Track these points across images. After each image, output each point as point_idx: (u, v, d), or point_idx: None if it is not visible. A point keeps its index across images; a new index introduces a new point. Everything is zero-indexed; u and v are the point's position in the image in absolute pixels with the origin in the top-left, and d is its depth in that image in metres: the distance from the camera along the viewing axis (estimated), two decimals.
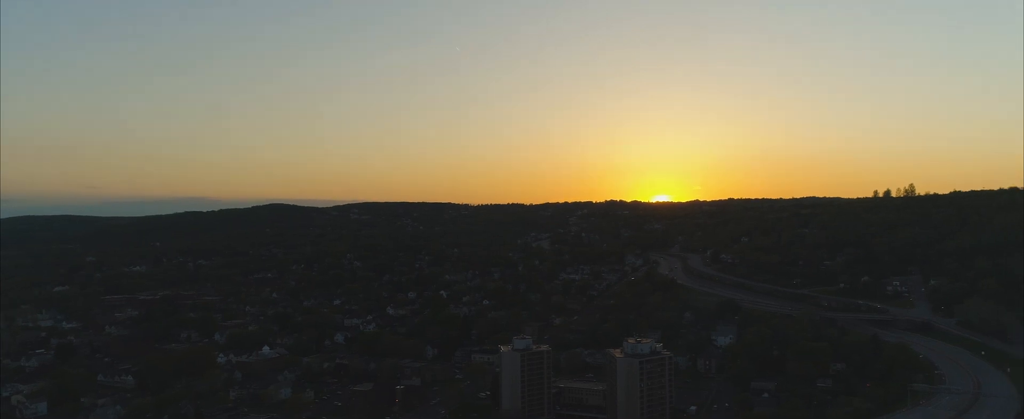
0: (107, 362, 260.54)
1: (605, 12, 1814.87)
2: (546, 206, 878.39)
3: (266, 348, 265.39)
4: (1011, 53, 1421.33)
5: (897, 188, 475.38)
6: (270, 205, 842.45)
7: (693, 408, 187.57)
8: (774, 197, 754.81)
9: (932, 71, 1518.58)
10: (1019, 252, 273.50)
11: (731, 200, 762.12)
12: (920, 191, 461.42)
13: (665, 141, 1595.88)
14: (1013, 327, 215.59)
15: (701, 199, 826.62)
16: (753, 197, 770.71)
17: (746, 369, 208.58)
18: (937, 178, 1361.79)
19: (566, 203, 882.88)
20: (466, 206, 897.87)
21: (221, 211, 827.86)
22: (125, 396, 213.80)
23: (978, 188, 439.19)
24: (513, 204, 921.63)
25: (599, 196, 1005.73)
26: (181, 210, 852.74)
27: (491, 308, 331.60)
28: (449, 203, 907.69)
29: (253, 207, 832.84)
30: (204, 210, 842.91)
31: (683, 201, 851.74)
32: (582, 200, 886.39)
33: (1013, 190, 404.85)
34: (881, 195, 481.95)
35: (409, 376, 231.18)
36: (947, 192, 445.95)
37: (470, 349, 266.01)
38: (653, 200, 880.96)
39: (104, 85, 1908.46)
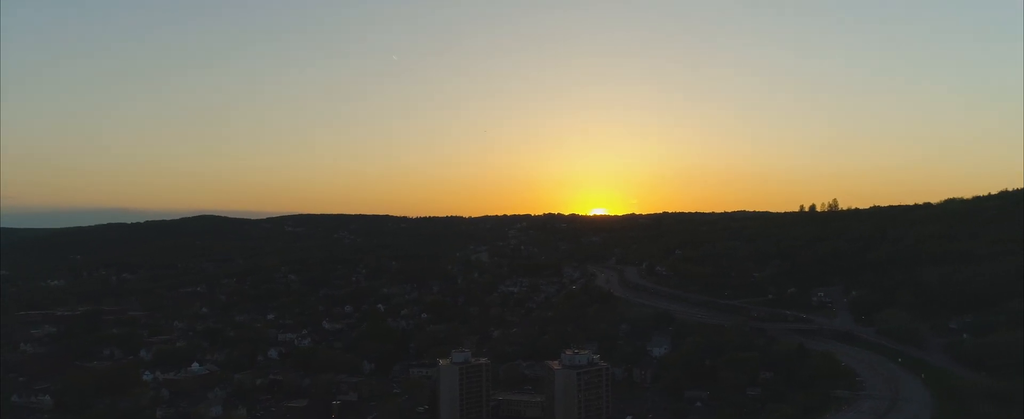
0: (22, 382, 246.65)
1: (543, 29, 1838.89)
2: (485, 219, 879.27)
3: (195, 365, 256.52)
4: (927, 77, 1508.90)
5: (821, 203, 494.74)
6: (199, 216, 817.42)
7: (629, 418, 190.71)
8: (706, 211, 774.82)
9: (852, 92, 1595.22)
10: (933, 264, 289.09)
11: (666, 213, 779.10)
12: (843, 206, 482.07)
13: (603, 156, 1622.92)
14: (927, 335, 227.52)
15: (637, 212, 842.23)
16: (686, 211, 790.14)
17: (680, 379, 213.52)
18: (858, 193, 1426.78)
19: (505, 216, 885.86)
20: (405, 218, 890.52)
21: (146, 222, 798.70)
22: (42, 417, 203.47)
23: (896, 203, 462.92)
24: (452, 216, 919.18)
25: (538, 209, 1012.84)
26: (103, 221, 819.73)
27: (429, 321, 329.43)
28: (387, 215, 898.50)
29: (181, 218, 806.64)
30: (128, 221, 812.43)
31: (619, 214, 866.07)
32: (521, 213, 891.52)
33: (927, 205, 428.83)
34: (807, 209, 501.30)
35: (345, 391, 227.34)
36: (867, 207, 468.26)
37: (408, 363, 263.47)
38: (591, 213, 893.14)
39: (16, 88, 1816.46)
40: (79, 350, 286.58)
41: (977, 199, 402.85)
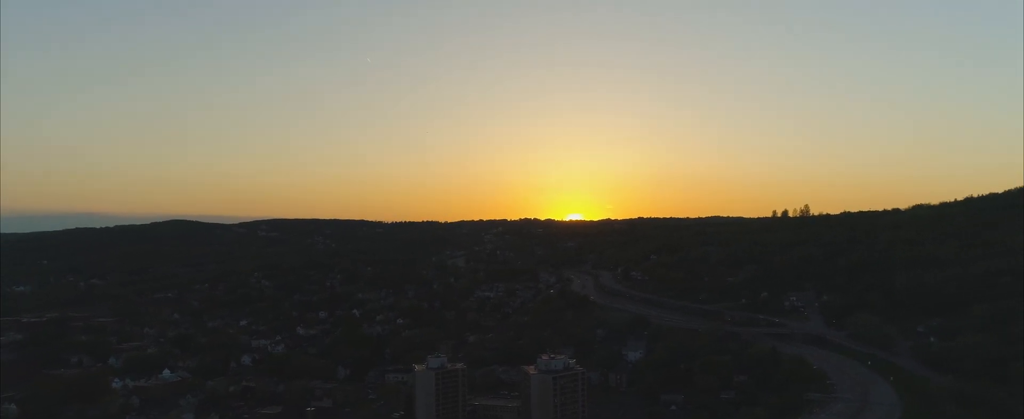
0: None
1: (518, 34, 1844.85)
2: (461, 224, 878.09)
3: (166, 371, 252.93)
4: (895, 85, 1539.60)
5: (793, 208, 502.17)
6: (170, 221, 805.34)
7: None
8: (681, 216, 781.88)
9: (824, 99, 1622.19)
10: (902, 269, 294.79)
11: (640, 219, 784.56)
12: (814, 211, 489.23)
13: (578, 161, 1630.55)
14: (896, 338, 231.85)
15: (612, 218, 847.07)
16: (661, 216, 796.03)
17: (655, 383, 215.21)
18: (830, 199, 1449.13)
19: (481, 221, 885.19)
20: (380, 223, 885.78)
21: (116, 227, 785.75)
22: None
23: (866, 209, 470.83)
24: (428, 221, 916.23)
25: (514, 214, 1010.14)
26: (71, 226, 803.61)
27: (405, 327, 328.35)
28: (362, 220, 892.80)
29: (152, 223, 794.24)
30: (97, 226, 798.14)
31: (595, 220, 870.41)
32: (497, 218, 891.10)
33: (896, 211, 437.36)
34: (779, 215, 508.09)
35: (320, 398, 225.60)
36: (838, 212, 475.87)
37: (384, 369, 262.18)
38: (567, 218, 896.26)
39: None
40: (47, 357, 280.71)
41: (944, 205, 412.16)
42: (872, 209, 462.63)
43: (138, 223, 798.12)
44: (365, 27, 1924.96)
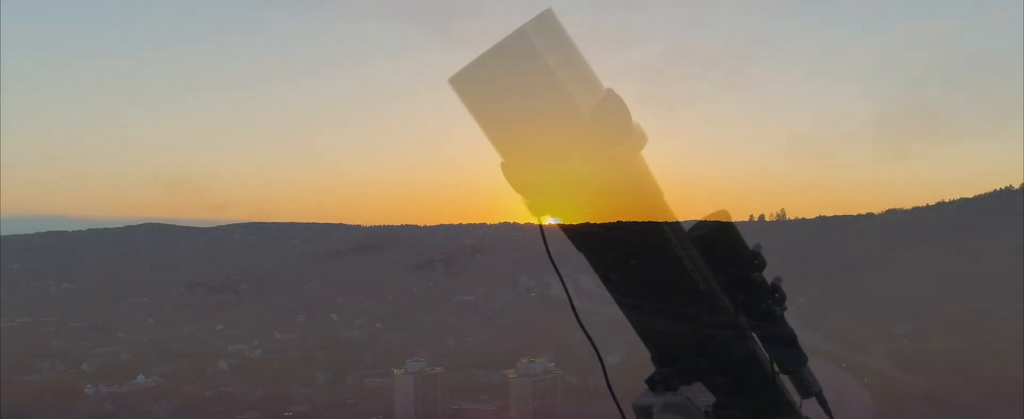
0: None
1: (500, 31, 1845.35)
2: (441, 228, 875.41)
3: (141, 377, 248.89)
4: (872, 89, 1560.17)
5: (770, 212, 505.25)
6: (145, 224, 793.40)
7: None
8: (659, 219, 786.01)
9: (801, 104, 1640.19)
10: (875, 272, 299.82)
11: (619, 222, 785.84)
12: (790, 215, 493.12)
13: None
14: (870, 341, 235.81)
15: (591, 222, 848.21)
16: (640, 219, 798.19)
17: (634, 385, 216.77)
18: (805, 203, 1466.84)
19: (461, 225, 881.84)
20: (358, 227, 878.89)
21: (89, 230, 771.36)
22: None
23: (840, 213, 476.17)
24: (406, 225, 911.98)
25: (493, 218, 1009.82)
26: (41, 229, 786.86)
27: (384, 331, 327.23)
28: (340, 224, 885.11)
29: (126, 226, 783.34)
30: (69, 229, 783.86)
31: (575, 223, 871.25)
32: (477, 221, 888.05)
33: (870, 215, 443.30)
34: (756, 219, 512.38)
35: (298, 402, 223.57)
36: (814, 217, 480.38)
37: (362, 373, 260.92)
38: (547, 222, 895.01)
39: None
40: (17, 364, 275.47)
41: (916, 209, 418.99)
42: (847, 213, 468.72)
43: (111, 226, 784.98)
44: (345, 26, 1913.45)
